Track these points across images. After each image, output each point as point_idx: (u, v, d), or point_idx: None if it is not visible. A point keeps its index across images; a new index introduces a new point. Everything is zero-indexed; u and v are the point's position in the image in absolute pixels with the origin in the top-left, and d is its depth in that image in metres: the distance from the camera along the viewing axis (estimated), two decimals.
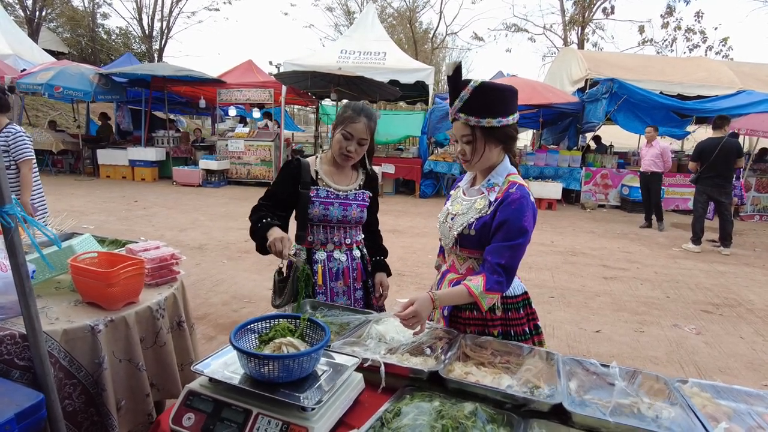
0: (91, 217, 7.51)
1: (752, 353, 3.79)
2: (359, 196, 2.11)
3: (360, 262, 2.17)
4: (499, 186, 1.65)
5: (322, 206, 2.02)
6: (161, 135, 12.84)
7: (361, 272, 2.17)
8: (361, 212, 2.10)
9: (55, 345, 1.63)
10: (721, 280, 5.76)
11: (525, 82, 11.25)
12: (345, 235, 2.10)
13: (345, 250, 2.12)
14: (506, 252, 1.56)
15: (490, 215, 1.62)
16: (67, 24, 24.35)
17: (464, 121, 1.58)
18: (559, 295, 4.94)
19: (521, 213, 1.57)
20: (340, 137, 1.97)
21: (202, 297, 4.36)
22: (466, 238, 1.67)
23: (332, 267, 2.08)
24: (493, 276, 1.55)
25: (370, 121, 1.99)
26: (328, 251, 2.09)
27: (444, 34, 29.85)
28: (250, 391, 1.15)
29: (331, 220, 2.04)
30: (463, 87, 1.55)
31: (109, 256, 1.98)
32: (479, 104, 1.55)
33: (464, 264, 1.75)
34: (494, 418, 1.19)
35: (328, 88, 10.93)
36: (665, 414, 1.22)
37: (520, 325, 1.74)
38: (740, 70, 11.50)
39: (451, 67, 1.57)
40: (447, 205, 1.83)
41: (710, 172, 6.98)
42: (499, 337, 1.69)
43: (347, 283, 2.12)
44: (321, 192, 2.03)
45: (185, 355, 2.19)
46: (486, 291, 1.53)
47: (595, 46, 24.56)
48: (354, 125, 1.95)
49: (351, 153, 1.99)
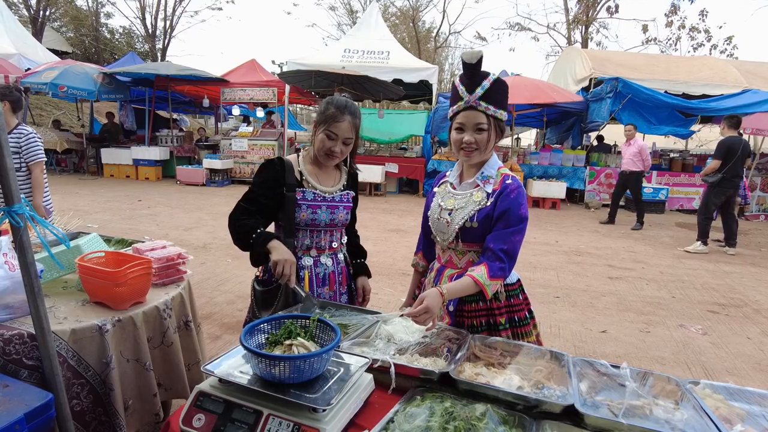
0: (95, 216, 7.53)
1: (759, 354, 3.77)
2: (344, 197, 2.01)
3: (344, 266, 2.10)
4: (494, 178, 1.73)
5: (310, 210, 1.91)
6: (165, 134, 12.89)
7: (346, 276, 2.10)
8: (347, 214, 2.03)
9: (64, 345, 1.63)
10: (727, 280, 5.73)
11: (529, 81, 11.21)
12: (331, 238, 2.01)
13: (330, 254, 2.02)
14: (508, 238, 1.64)
15: (491, 206, 1.68)
16: (71, 23, 24.43)
17: (483, 110, 1.63)
18: (565, 295, 4.93)
19: (519, 202, 1.67)
20: (324, 137, 1.85)
21: (207, 296, 4.36)
22: (469, 231, 1.71)
23: (319, 272, 1.98)
24: (495, 263, 1.61)
25: (355, 118, 1.87)
26: (314, 256, 1.98)
27: (447, 33, 29.83)
28: (260, 392, 1.14)
29: (319, 224, 1.94)
30: (485, 77, 1.62)
31: (116, 256, 1.98)
32: (496, 96, 1.63)
33: (463, 258, 1.78)
34: (506, 420, 1.18)
35: (332, 88, 10.93)
36: (678, 416, 1.20)
37: (521, 310, 1.81)
38: (745, 69, 11.45)
39: (475, 56, 1.61)
40: (437, 200, 1.84)
41: (731, 172, 6.76)
42: (506, 325, 1.75)
43: (333, 288, 2.03)
44: (308, 194, 1.91)
45: (192, 354, 2.19)
46: (490, 278, 1.59)
47: (599, 45, 24.53)
48: (339, 124, 1.83)
49: (336, 153, 1.88)
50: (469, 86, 1.63)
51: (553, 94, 10.57)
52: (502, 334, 1.73)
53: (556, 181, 10.55)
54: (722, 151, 6.75)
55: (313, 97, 13.94)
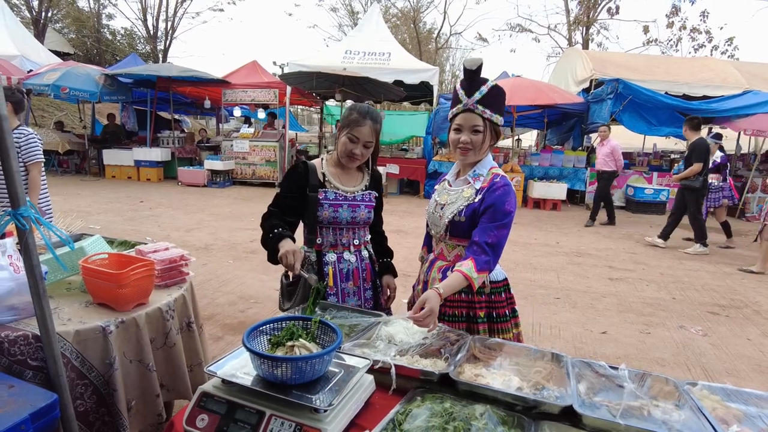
0: (97, 217, 7.55)
1: (760, 355, 3.78)
2: (366, 196, 2.13)
3: (369, 263, 2.20)
4: (484, 176, 1.84)
5: (332, 208, 2.03)
6: (166, 135, 12.90)
7: (370, 272, 2.20)
8: (369, 213, 2.13)
9: (68, 346, 1.64)
10: (727, 281, 5.74)
11: (529, 82, 11.23)
12: (354, 236, 2.13)
13: (354, 251, 2.14)
14: (493, 231, 1.72)
15: (478, 202, 1.78)
16: (73, 25, 24.46)
17: (480, 113, 1.75)
18: (565, 296, 4.93)
19: (505, 197, 1.76)
20: (346, 140, 1.99)
21: (208, 297, 4.38)
22: (457, 225, 1.81)
23: (342, 268, 2.10)
24: (481, 257, 1.69)
25: (375, 123, 2.01)
26: (338, 253, 2.10)
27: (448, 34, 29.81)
28: (263, 393, 1.16)
29: (341, 222, 2.06)
30: (483, 82, 1.74)
31: (120, 258, 2.00)
32: (493, 101, 1.75)
33: (453, 251, 1.89)
34: (505, 420, 1.19)
35: (333, 89, 10.95)
36: (675, 417, 1.22)
37: (502, 308, 1.89)
38: (746, 70, 11.44)
39: (475, 63, 1.72)
40: (434, 196, 1.97)
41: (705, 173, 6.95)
42: (484, 318, 1.85)
43: (357, 284, 2.14)
44: (329, 194, 2.04)
45: (194, 355, 2.20)
46: (477, 272, 1.66)
47: (600, 46, 24.50)
48: (360, 128, 1.97)
49: (357, 155, 2.01)
50: (468, 90, 1.75)
51: (553, 95, 10.58)
52: (480, 327, 1.84)
53: (556, 183, 10.54)
54: (703, 153, 6.87)
55: (314, 98, 13.97)
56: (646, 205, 10.42)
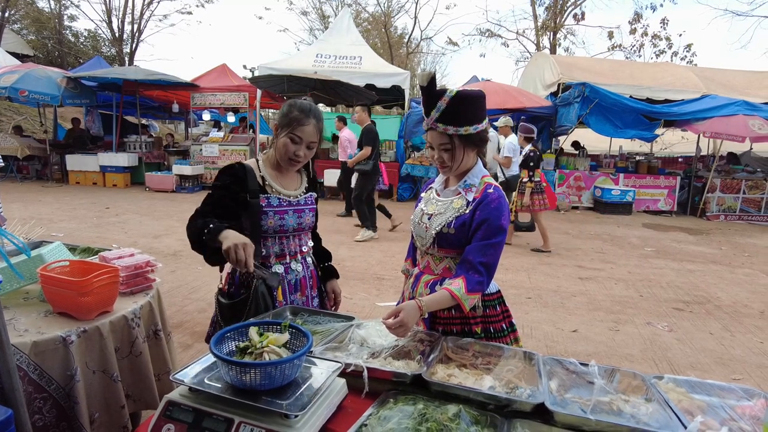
0: (60, 224, 7.28)
1: (721, 348, 3.91)
2: (308, 200, 1.99)
3: (313, 269, 2.08)
4: (476, 187, 1.71)
5: (277, 216, 1.85)
6: (133, 140, 12.56)
7: (315, 279, 2.08)
8: (312, 217, 2.01)
9: (24, 358, 1.57)
10: (691, 278, 5.94)
11: (499, 86, 11.42)
12: (300, 243, 1.98)
13: (300, 259, 1.98)
14: (487, 250, 1.61)
15: (469, 214, 1.66)
16: (32, 26, 23.58)
17: (442, 131, 1.62)
18: (536, 295, 5.01)
19: (500, 212, 1.63)
20: (287, 141, 1.81)
21: (177, 305, 4.27)
22: (445, 237, 1.70)
23: (290, 279, 1.93)
24: (474, 277, 1.58)
25: (319, 122, 1.85)
26: (285, 263, 1.92)
27: (419, 38, 30.12)
28: (231, 400, 1.12)
29: (287, 230, 1.89)
30: (440, 97, 1.58)
31: (82, 265, 1.93)
32: (456, 113, 1.59)
33: (440, 264, 1.77)
34: (478, 420, 1.19)
35: (304, 92, 10.86)
36: (643, 410, 1.24)
37: (498, 321, 1.78)
38: (704, 75, 11.91)
39: (426, 78, 1.59)
40: (420, 206, 1.85)
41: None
42: (481, 334, 1.73)
43: (305, 294, 2.00)
44: (273, 200, 1.85)
45: (162, 364, 2.14)
46: (468, 293, 1.57)
47: (567, 51, 25.13)
48: (303, 128, 1.80)
49: (300, 158, 1.84)
50: (426, 109, 1.64)
51: (522, 99, 10.78)
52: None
53: None
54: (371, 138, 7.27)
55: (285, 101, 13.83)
56: (614, 206, 10.70)
